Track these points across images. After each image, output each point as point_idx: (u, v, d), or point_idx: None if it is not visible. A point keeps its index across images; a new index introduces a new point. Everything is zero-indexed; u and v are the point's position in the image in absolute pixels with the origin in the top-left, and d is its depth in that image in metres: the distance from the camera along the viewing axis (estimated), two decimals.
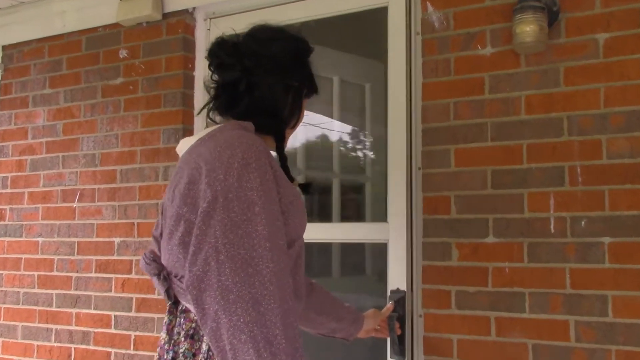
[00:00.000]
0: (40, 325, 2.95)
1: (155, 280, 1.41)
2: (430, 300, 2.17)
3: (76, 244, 2.91)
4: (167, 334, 1.39)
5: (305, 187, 1.58)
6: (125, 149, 2.83)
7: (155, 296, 2.69)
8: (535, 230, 2.04)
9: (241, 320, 1.17)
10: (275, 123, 1.51)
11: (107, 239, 2.82)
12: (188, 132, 2.72)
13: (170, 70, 2.75)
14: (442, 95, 2.22)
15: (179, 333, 1.37)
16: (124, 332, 2.73)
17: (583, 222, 1.98)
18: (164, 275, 1.38)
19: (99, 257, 2.84)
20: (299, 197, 1.42)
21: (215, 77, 1.54)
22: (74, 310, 2.87)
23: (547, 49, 2.07)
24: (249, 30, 1.56)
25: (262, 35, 1.55)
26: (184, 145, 1.49)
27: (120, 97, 2.88)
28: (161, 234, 1.43)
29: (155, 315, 2.67)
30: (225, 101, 1.52)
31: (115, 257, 2.80)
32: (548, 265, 2.01)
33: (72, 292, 2.89)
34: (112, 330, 2.77)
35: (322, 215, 3.02)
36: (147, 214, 2.74)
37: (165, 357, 1.37)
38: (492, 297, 2.08)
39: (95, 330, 2.80)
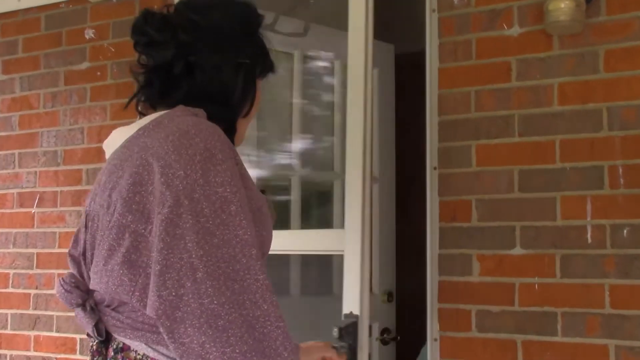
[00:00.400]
0: None
1: (79, 312, 1.27)
2: (447, 322, 2.17)
3: (35, 255, 2.92)
4: None
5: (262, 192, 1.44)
6: (92, 145, 2.84)
7: None
8: (569, 240, 2.05)
9: (236, 351, 1.09)
10: (225, 112, 1.39)
11: None
12: None
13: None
14: (461, 83, 2.22)
15: None
16: None
17: (625, 231, 1.99)
18: (91, 306, 1.26)
19: (61, 271, 2.84)
20: (266, 203, 1.33)
21: (144, 59, 1.41)
22: (32, 333, 2.88)
23: (584, 29, 2.07)
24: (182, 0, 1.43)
25: (199, 1, 1.44)
26: (117, 137, 1.36)
27: (86, 84, 2.88)
28: (84, 253, 1.30)
29: None
30: (159, 89, 1.39)
31: None
32: (584, 281, 2.02)
33: (31, 311, 2.89)
34: (77, 356, 2.77)
35: (279, 220, 2.97)
36: None
37: None
38: (518, 318, 2.08)
39: (58, 356, 2.81)
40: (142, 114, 1.40)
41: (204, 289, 1.10)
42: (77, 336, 2.77)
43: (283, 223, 2.81)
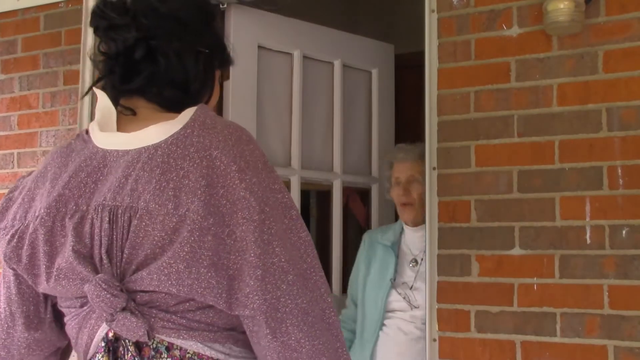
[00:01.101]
0: None
1: (122, 316, 1.21)
2: (446, 322, 2.18)
3: None
4: None
5: None
6: None
7: None
8: (568, 240, 2.05)
9: (320, 342, 1.22)
10: (185, 98, 1.37)
11: None
12: None
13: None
14: (461, 83, 2.23)
15: None
16: None
17: (624, 232, 1.99)
18: (137, 309, 1.23)
19: None
20: None
21: (104, 47, 1.38)
22: None
23: (583, 30, 2.08)
24: None
25: None
26: (153, 133, 1.31)
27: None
28: (107, 250, 1.25)
29: None
30: (120, 75, 1.36)
31: None
32: (583, 282, 2.03)
33: None
34: None
35: None
36: None
37: None
38: (518, 318, 2.09)
39: None
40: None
41: (296, 290, 1.21)
42: None
43: None
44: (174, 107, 1.34)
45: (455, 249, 2.19)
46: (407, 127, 3.58)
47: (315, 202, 3.57)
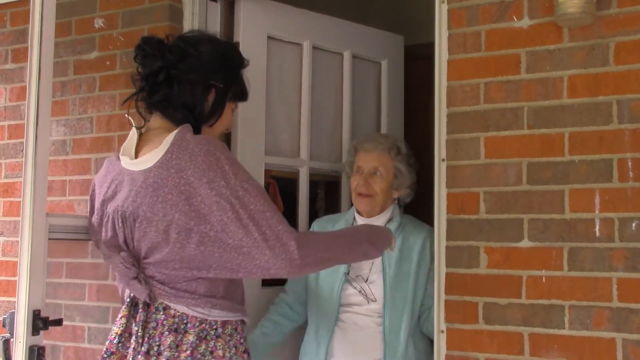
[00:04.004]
0: None
1: (134, 283, 1.82)
2: (454, 314, 2.19)
3: None
4: (142, 328, 1.81)
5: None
6: (101, 135, 2.86)
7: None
8: (577, 233, 2.05)
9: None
10: (191, 117, 1.90)
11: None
12: None
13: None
14: (470, 75, 2.23)
15: (154, 328, 1.82)
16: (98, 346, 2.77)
17: (634, 225, 1.99)
18: (144, 279, 1.83)
19: (70, 260, 2.87)
20: None
21: (140, 69, 1.94)
22: None
23: (594, 22, 2.07)
24: (180, 34, 2.04)
25: (192, 37, 1.98)
26: (148, 159, 1.83)
27: (95, 74, 2.90)
28: (124, 241, 1.87)
29: None
30: (147, 92, 1.92)
31: (89, 261, 2.83)
32: (592, 274, 2.03)
33: None
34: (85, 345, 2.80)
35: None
36: None
37: (138, 349, 1.80)
38: (526, 311, 2.10)
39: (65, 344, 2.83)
40: (141, 114, 1.99)
41: (273, 233, 1.74)
42: (85, 325, 2.80)
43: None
44: (180, 122, 1.88)
45: (464, 240, 2.19)
46: (417, 118, 3.58)
47: (323, 192, 3.58)
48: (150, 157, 1.82)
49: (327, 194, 3.55)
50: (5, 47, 3.14)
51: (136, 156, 1.89)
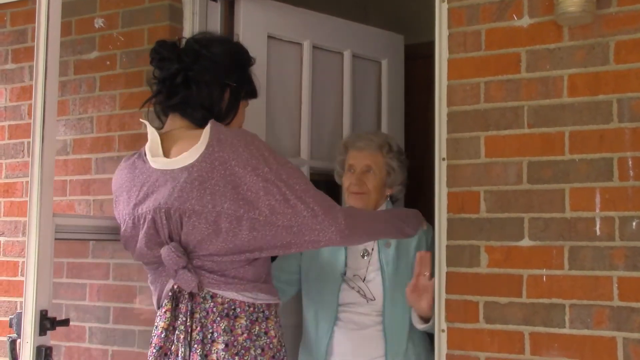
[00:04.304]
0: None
1: (183, 272, 1.87)
2: (454, 313, 2.19)
3: None
4: (190, 318, 1.89)
5: None
6: (102, 135, 2.86)
7: (132, 305, 2.72)
8: (578, 232, 2.05)
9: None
10: (210, 116, 1.95)
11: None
12: None
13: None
14: (471, 74, 2.22)
15: (205, 317, 1.90)
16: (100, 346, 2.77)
17: (634, 223, 1.99)
18: (194, 269, 1.89)
19: (71, 260, 2.87)
20: None
21: (157, 73, 2.00)
22: None
23: (594, 20, 2.07)
24: (192, 35, 2.11)
25: (204, 39, 2.03)
26: (188, 156, 1.88)
27: (95, 74, 2.90)
28: (169, 236, 1.90)
29: (136, 328, 2.70)
30: (165, 95, 1.98)
31: (90, 260, 2.83)
32: (592, 273, 2.03)
33: None
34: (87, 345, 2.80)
35: None
36: None
37: (188, 339, 1.87)
38: (526, 310, 2.10)
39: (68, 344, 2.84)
40: (158, 116, 2.06)
41: (321, 208, 1.92)
42: (86, 325, 2.80)
43: None
44: (199, 122, 1.96)
45: (464, 239, 2.19)
46: (417, 117, 3.58)
47: (324, 192, 3.57)
48: (189, 155, 1.88)
49: (327, 193, 3.54)
50: (5, 47, 3.14)
51: (167, 156, 1.94)
